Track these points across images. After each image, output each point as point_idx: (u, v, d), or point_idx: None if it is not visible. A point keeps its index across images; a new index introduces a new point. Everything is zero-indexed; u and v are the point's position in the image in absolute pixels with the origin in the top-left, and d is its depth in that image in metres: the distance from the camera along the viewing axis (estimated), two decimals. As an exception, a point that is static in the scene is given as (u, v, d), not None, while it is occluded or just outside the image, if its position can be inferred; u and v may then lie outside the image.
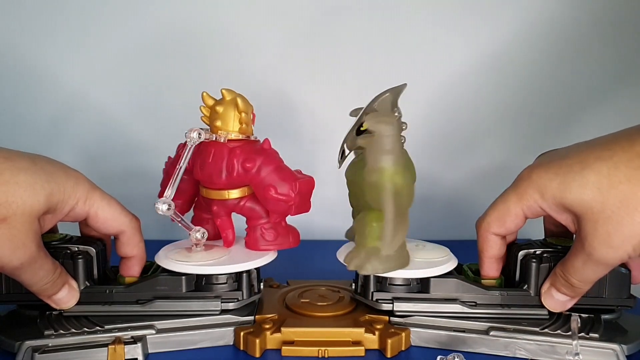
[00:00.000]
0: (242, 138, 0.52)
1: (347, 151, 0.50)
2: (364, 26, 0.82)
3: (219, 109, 0.52)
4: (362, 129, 0.49)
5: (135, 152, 0.84)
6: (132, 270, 0.52)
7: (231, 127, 0.52)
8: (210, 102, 0.53)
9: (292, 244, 0.55)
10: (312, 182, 0.53)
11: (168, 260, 0.52)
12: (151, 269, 0.54)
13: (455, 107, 0.84)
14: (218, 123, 0.52)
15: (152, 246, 0.54)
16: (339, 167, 0.51)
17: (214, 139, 0.52)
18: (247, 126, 0.53)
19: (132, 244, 0.52)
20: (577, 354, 0.47)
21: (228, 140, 0.52)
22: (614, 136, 0.46)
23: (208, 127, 0.53)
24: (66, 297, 0.50)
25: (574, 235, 0.49)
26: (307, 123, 0.84)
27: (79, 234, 0.55)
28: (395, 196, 0.48)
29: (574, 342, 0.47)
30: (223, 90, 0.52)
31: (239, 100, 0.52)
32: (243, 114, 0.52)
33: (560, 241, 0.53)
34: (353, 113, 0.51)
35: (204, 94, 0.53)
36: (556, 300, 0.50)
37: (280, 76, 0.83)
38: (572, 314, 0.50)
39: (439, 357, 0.48)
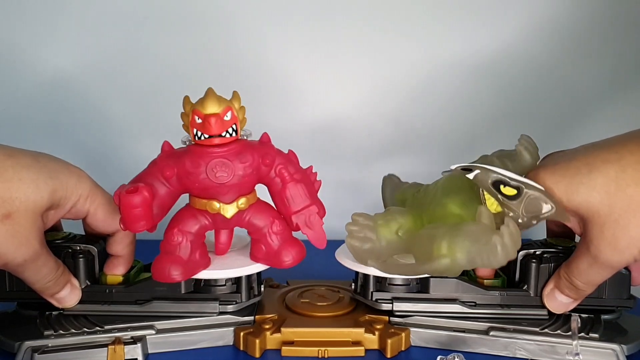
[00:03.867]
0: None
1: (474, 173, 0.45)
2: (362, 23, 0.82)
3: None
4: (506, 192, 0.44)
5: (134, 150, 0.84)
6: (117, 269, 0.52)
7: None
8: None
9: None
10: (127, 200, 0.45)
11: None
12: (134, 269, 0.54)
13: (456, 109, 0.83)
14: None
15: (150, 246, 0.54)
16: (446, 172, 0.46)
17: None
18: (186, 127, 0.48)
19: (124, 243, 0.52)
20: (577, 354, 0.47)
21: None
22: (622, 138, 0.46)
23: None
24: (68, 295, 0.50)
25: (576, 237, 0.49)
26: (307, 116, 0.84)
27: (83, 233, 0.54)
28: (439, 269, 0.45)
29: (574, 342, 0.47)
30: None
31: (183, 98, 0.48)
32: (181, 114, 0.48)
33: (561, 242, 0.53)
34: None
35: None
36: (559, 302, 0.50)
37: (282, 67, 0.82)
38: (572, 314, 0.50)
39: (439, 357, 0.48)
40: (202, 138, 0.46)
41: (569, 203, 0.45)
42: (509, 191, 0.44)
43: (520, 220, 0.44)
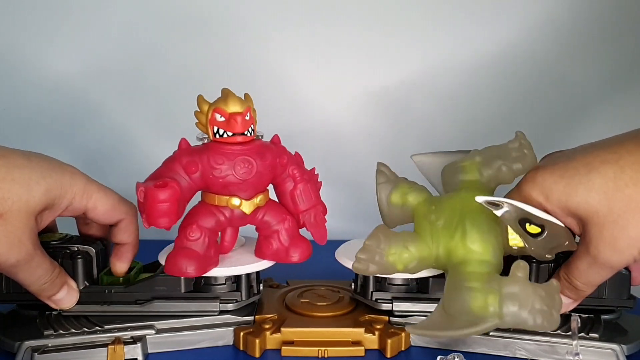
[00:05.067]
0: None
1: (502, 210, 0.45)
2: (362, 25, 0.82)
3: None
4: (530, 230, 0.45)
5: (132, 149, 0.84)
6: (125, 256, 0.52)
7: None
8: None
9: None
10: (155, 194, 0.46)
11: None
12: (133, 270, 0.54)
13: (455, 109, 0.84)
14: None
15: (151, 246, 0.54)
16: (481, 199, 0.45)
17: None
18: (201, 125, 0.50)
19: (130, 230, 0.52)
20: (577, 354, 0.47)
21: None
22: (620, 138, 0.46)
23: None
24: (66, 297, 0.50)
25: (576, 237, 0.49)
26: (305, 120, 0.84)
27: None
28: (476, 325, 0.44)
29: (574, 343, 0.47)
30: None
31: (198, 97, 0.49)
32: (195, 112, 0.49)
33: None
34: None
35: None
36: None
37: (283, 69, 0.82)
38: (572, 314, 0.50)
39: (439, 357, 0.48)
40: (225, 136, 0.48)
41: (568, 203, 0.45)
42: (533, 229, 0.45)
43: (547, 256, 0.46)
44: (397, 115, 0.84)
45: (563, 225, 0.45)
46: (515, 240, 0.46)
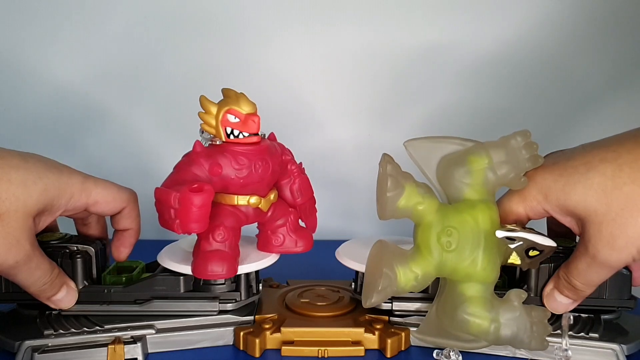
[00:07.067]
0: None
1: (516, 244, 0.47)
2: (360, 23, 0.82)
3: None
4: (532, 254, 0.48)
5: (135, 151, 0.84)
6: (128, 241, 0.52)
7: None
8: None
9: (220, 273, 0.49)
10: (192, 199, 0.45)
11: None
12: (136, 269, 0.54)
13: (456, 108, 0.84)
14: None
15: (151, 246, 0.54)
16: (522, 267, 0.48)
17: None
18: (208, 127, 0.49)
19: (132, 216, 0.52)
20: (565, 349, 0.48)
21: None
22: (619, 137, 0.46)
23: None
24: (65, 297, 0.50)
25: (577, 237, 0.49)
26: (304, 120, 0.84)
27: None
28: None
29: (563, 341, 0.48)
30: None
31: (201, 98, 0.49)
32: (200, 114, 0.49)
33: (561, 241, 0.53)
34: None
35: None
36: (559, 302, 0.50)
37: (290, 72, 0.83)
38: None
39: (435, 352, 0.48)
40: (241, 136, 0.48)
41: (567, 202, 0.45)
42: (534, 253, 0.48)
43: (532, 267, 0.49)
44: (398, 115, 0.84)
45: (555, 244, 0.47)
46: (514, 260, 0.48)
